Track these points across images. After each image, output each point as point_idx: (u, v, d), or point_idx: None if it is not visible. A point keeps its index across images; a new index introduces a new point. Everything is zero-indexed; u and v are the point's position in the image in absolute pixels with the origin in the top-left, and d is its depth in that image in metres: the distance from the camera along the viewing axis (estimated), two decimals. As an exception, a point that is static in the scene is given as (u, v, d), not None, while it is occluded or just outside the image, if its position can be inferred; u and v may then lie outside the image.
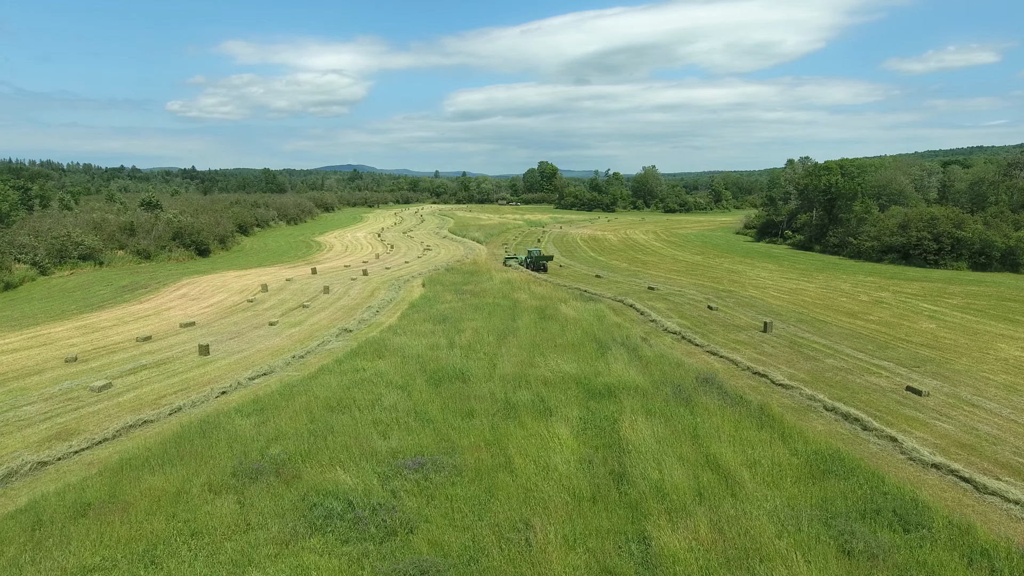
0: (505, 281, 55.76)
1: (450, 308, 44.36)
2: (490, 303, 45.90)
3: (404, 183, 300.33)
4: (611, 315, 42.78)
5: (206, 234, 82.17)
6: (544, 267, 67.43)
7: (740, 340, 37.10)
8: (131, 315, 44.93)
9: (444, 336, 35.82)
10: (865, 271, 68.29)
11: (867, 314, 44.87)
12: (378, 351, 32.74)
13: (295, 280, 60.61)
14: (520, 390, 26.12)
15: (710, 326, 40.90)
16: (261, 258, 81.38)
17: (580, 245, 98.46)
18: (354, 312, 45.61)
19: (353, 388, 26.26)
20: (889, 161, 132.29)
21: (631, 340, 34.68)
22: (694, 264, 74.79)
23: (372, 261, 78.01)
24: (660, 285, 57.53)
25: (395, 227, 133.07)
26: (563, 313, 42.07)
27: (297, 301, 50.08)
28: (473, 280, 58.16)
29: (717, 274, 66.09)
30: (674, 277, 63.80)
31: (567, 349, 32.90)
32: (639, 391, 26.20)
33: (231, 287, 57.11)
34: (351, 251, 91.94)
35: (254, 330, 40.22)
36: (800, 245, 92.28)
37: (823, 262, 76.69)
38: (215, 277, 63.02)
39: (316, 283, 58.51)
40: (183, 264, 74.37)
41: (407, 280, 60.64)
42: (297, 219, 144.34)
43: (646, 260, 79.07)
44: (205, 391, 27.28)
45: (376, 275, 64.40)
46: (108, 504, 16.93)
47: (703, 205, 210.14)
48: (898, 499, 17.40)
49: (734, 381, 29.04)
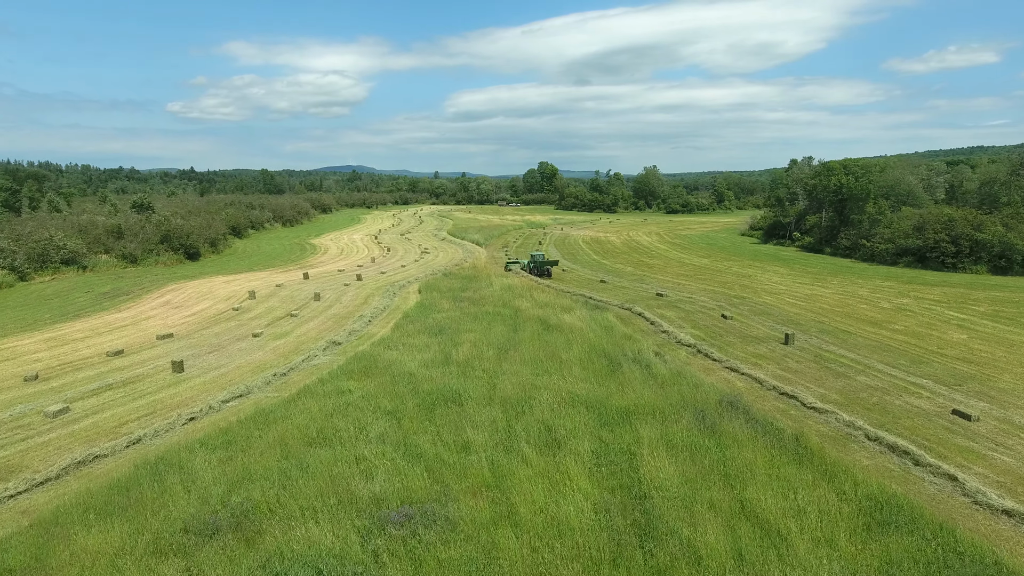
0: (506, 287, 52.91)
1: (447, 318, 41.52)
2: (490, 312, 43.07)
3: (403, 184, 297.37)
4: (619, 325, 39.93)
5: (195, 237, 79.31)
6: (548, 272, 64.42)
7: (761, 354, 34.25)
8: (106, 325, 42.07)
9: (439, 350, 32.99)
10: (881, 275, 65.45)
11: (891, 323, 42.04)
12: (367, 368, 29.90)
13: (285, 286, 57.77)
14: (523, 416, 23.30)
15: (726, 337, 38.05)
16: (253, 262, 78.54)
17: (583, 248, 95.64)
18: (345, 322, 42.77)
19: (336, 415, 23.41)
20: (895, 161, 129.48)
21: (643, 355, 31.83)
22: (702, 268, 71.96)
23: (367, 265, 75.16)
24: (669, 291, 54.68)
25: (392, 229, 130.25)
26: (568, 323, 39.24)
27: (285, 309, 47.24)
28: (472, 286, 55.32)
29: (727, 279, 63.26)
30: (683, 282, 60.95)
31: (574, 365, 30.06)
32: (657, 416, 23.38)
33: (217, 294, 54.26)
34: (346, 254, 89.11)
35: (236, 343, 37.37)
36: (809, 247, 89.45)
37: (835, 265, 73.85)
38: (202, 283, 60.18)
39: (307, 289, 55.67)
40: (171, 268, 71.51)
41: (403, 286, 57.80)
42: (293, 221, 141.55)
43: (652, 264, 76.23)
44: (171, 417, 24.43)
45: (370, 280, 61.56)
46: (32, 572, 14.09)
47: (706, 206, 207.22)
48: (976, 562, 14.57)
49: (760, 403, 26.21)
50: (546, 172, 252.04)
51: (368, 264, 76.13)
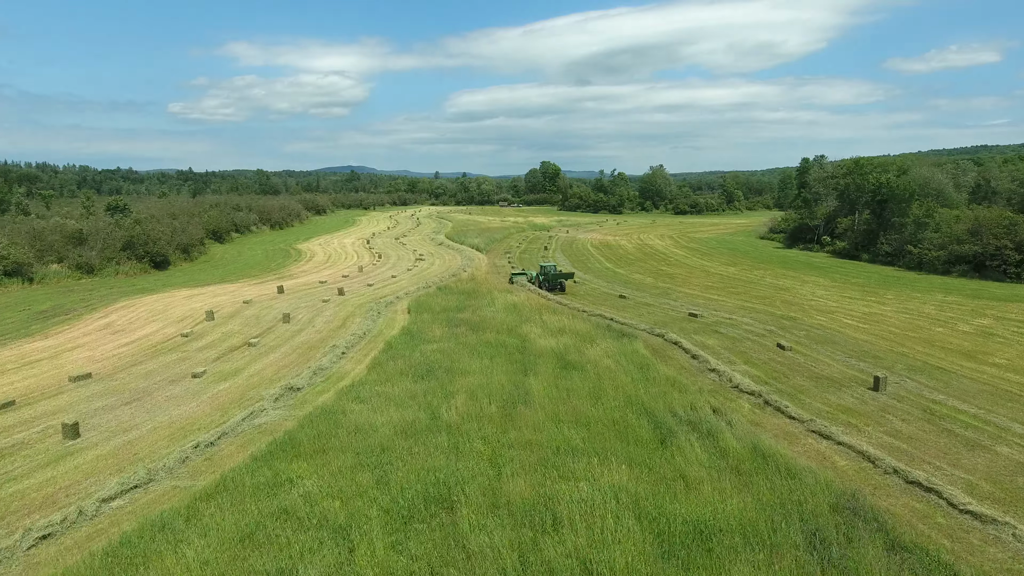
0: (510, 307, 44.73)
1: (439, 350, 33.39)
2: (492, 341, 34.94)
3: (402, 184, 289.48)
4: (657, 363, 31.72)
5: (163, 243, 71.21)
6: (562, 287, 55.87)
7: (849, 407, 26.09)
8: (17, 360, 33.98)
9: (425, 404, 24.88)
10: (937, 287, 57.26)
11: (986, 354, 33.93)
12: (323, 438, 21.77)
13: (254, 303, 49.68)
14: (544, 538, 15.21)
15: (794, 379, 29.89)
16: (227, 271, 70.47)
17: (592, 254, 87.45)
18: (312, 355, 34.66)
19: (255, 538, 15.30)
20: (912, 159, 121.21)
21: (699, 414, 23.69)
22: (730, 278, 63.78)
23: (354, 275, 67.05)
24: (701, 309, 46.55)
25: (387, 232, 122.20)
26: (592, 360, 31.09)
27: (245, 336, 39.17)
28: (470, 304, 47.17)
29: (762, 291, 55.11)
30: (714, 297, 52.76)
31: (607, 432, 21.95)
32: (747, 537, 15.29)
33: (172, 313, 46.18)
34: (333, 261, 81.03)
35: (168, 387, 29.28)
36: (843, 253, 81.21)
37: (880, 275, 65.64)
38: (160, 298, 52.11)
39: (278, 307, 47.59)
40: (131, 280, 63.47)
41: (390, 303, 49.66)
42: (283, 223, 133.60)
43: (673, 273, 68.03)
44: (14, 538, 16.28)
45: (354, 295, 53.45)
46: None
47: (715, 206, 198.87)
48: None
49: (885, 500, 18.07)
50: (548, 172, 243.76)
51: (354, 274, 68.00)
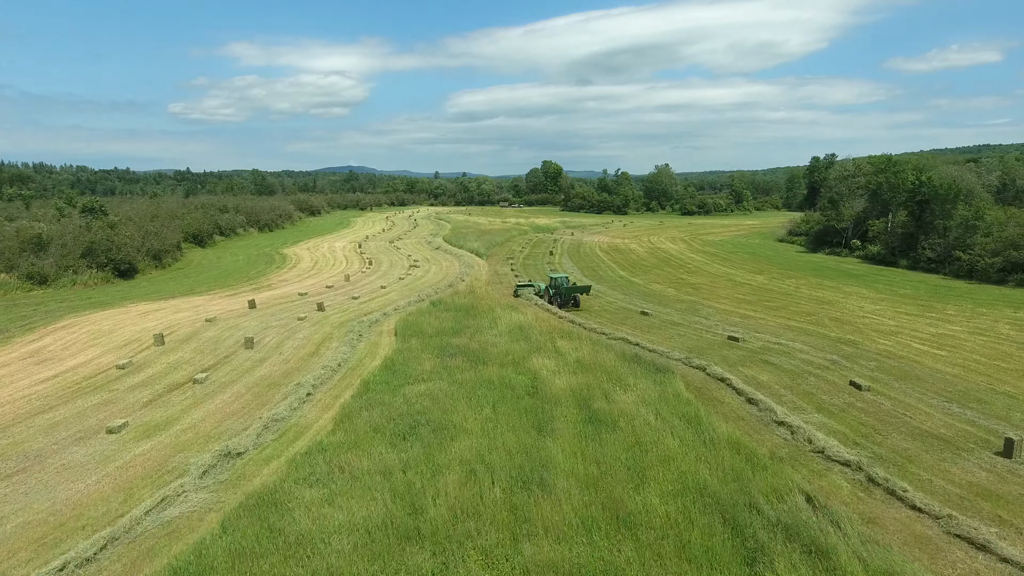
0: (516, 329, 37.73)
1: (427, 394, 26.39)
2: (495, 380, 27.97)
3: (400, 184, 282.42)
4: (706, 412, 24.63)
5: (129, 249, 64.25)
6: (576, 302, 48.04)
7: (985, 486, 19.12)
8: (-103, 404, 27.02)
9: (403, 491, 17.88)
10: (999, 299, 50.30)
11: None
12: (246, 560, 14.79)
13: (218, 321, 42.77)
14: None
15: (891, 436, 22.89)
16: (199, 280, 63.55)
17: (602, 259, 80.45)
18: (270, 396, 27.73)
19: None
20: (927, 158, 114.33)
21: (789, 506, 16.73)
22: (762, 289, 56.78)
23: (339, 285, 60.09)
24: (740, 329, 39.61)
25: (382, 235, 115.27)
26: (623, 408, 24.09)
27: (194, 367, 32.24)
28: (468, 324, 40.17)
29: (803, 305, 48.16)
30: (750, 314, 45.78)
31: (665, 544, 14.99)
32: None
33: (118, 336, 39.25)
34: (320, 268, 74.08)
35: (71, 448, 22.35)
36: (877, 259, 74.18)
37: (927, 284, 58.66)
38: (111, 315, 45.20)
39: (244, 327, 40.68)
40: (88, 292, 56.55)
41: (375, 322, 42.70)
42: (273, 225, 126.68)
43: (695, 283, 61.02)
44: None
45: (336, 311, 46.53)
46: None
47: (723, 207, 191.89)
48: None
49: None
50: (550, 171, 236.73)
51: (340, 284, 61.03)
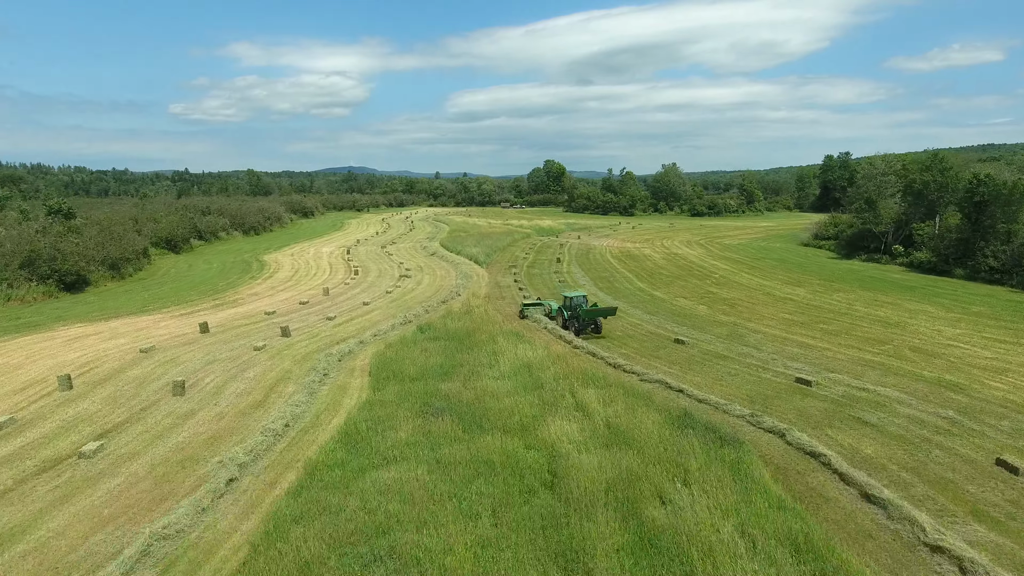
0: (523, 368, 29.43)
1: (397, 487, 18.17)
2: (496, 460, 19.76)
3: (399, 185, 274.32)
4: (819, 529, 16.44)
5: (77, 259, 56.15)
6: (597, 327, 39.39)
7: None
8: None
9: None
10: (1097, 320, 42.09)
11: None
12: None
13: (155, 352, 34.67)
14: None
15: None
16: (158, 295, 55.42)
17: (616, 268, 72.19)
18: (176, 484, 19.57)
19: None
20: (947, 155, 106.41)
21: None
22: (809, 306, 48.50)
23: (315, 301, 51.97)
24: (806, 366, 31.43)
25: (375, 238, 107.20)
26: (691, 523, 15.84)
27: (93, 428, 24.11)
28: (462, 361, 31.83)
29: (867, 329, 39.93)
30: (808, 341, 37.51)
31: None
32: None
33: (22, 375, 31.12)
34: (299, 278, 65.96)
35: None
36: (926, 267, 65.92)
37: (998, 299, 50.31)
38: (29, 342, 37.16)
39: (184, 361, 32.58)
40: (23, 308, 48.47)
41: (348, 354, 34.54)
42: (260, 228, 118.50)
43: (729, 298, 52.70)
44: None
45: (303, 336, 38.39)
46: None
47: (733, 207, 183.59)
48: None
49: None
50: (552, 171, 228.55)
51: (316, 299, 52.89)
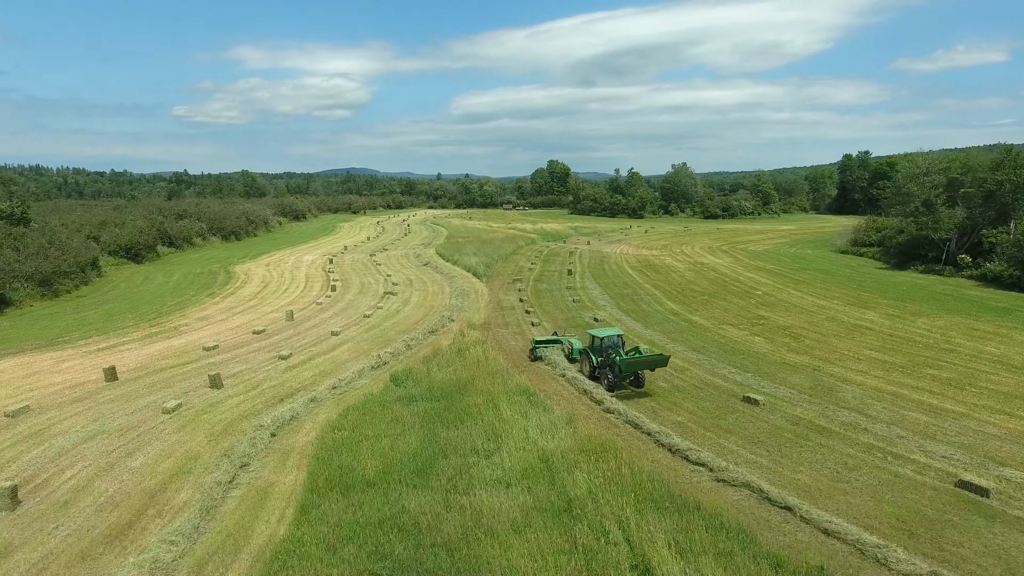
0: (538, 465, 19.33)
1: None
2: None
3: (398, 186, 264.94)
4: None
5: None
6: (639, 379, 29.15)
7: None
8: None
9: None
10: None
11: None
12: None
13: (26, 415, 24.82)
14: None
15: None
16: (85, 319, 45.59)
17: (636, 281, 62.14)
18: None
19: None
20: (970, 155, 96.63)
21: None
22: (895, 338, 38.28)
23: (275, 329, 42.05)
24: (948, 444, 21.51)
25: (366, 244, 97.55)
26: None
27: None
28: (447, 443, 21.75)
29: (993, 375, 29.86)
30: (930, 400, 27.36)
31: None
32: None
33: None
34: (265, 296, 56.10)
35: None
36: (1004, 281, 55.73)
37: (1124, 327, 40.24)
38: None
39: (55, 434, 22.74)
40: (-98, 342, 38.72)
41: (288, 421, 24.59)
42: (241, 232, 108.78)
43: (788, 326, 42.52)
44: None
45: (239, 387, 28.45)
46: None
47: (749, 209, 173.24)
48: None
49: None
50: (557, 172, 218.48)
51: (276, 328, 42.94)
